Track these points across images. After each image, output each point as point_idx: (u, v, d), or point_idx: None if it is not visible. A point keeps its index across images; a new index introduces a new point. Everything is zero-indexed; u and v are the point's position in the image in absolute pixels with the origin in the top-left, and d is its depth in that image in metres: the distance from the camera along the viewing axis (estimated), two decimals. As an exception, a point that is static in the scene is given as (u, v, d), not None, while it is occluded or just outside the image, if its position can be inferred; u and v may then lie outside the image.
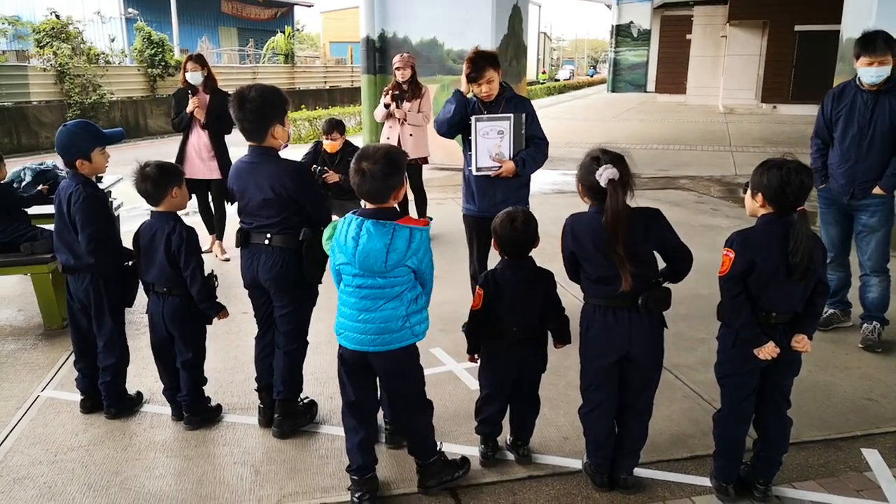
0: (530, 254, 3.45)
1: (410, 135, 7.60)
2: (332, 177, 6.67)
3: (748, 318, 3.00)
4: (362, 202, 3.16)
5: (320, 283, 3.78)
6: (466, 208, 5.03)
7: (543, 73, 74.72)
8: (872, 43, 4.63)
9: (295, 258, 3.61)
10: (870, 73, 4.70)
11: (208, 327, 4.00)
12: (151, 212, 3.84)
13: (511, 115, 4.66)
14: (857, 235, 5.08)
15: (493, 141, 4.70)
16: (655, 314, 3.15)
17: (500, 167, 4.69)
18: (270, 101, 3.51)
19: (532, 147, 4.77)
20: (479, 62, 4.60)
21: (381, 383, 3.34)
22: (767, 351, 3.00)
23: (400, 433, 3.67)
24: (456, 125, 4.84)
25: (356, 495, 3.23)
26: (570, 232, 3.18)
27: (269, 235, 3.61)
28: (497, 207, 4.48)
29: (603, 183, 2.94)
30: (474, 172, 4.79)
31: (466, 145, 4.91)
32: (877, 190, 4.88)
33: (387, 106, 7.54)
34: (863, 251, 5.04)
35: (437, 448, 3.39)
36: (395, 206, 3.08)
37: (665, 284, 3.16)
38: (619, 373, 3.23)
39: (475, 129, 4.71)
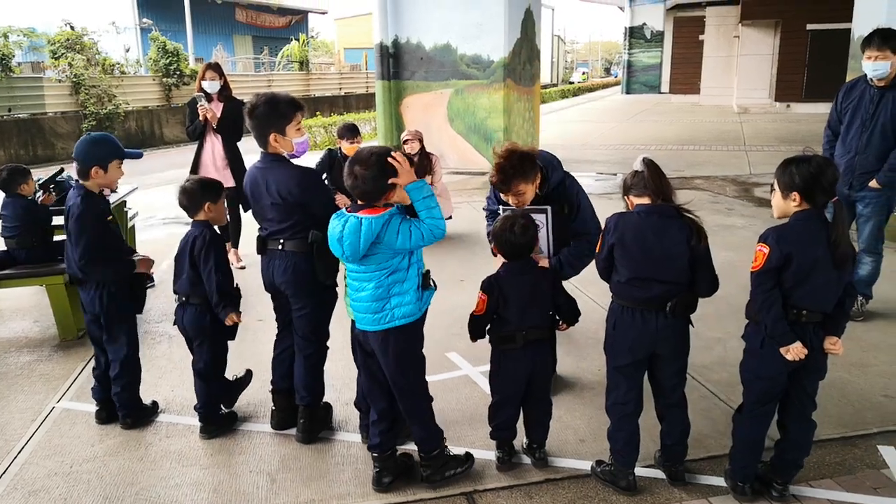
0: None
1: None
2: None
3: (779, 313, 2.97)
4: None
5: (335, 284, 3.77)
6: None
7: (584, 74, 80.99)
8: (870, 38, 4.97)
9: (307, 261, 3.64)
10: (867, 66, 5.02)
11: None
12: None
13: (548, 207, 3.84)
14: (856, 221, 5.39)
15: None
16: (682, 317, 3.22)
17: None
18: (268, 112, 3.59)
19: (575, 245, 3.92)
20: (508, 172, 3.68)
21: None
22: (796, 351, 2.96)
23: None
24: None
25: (374, 470, 3.42)
26: (615, 229, 3.20)
27: (281, 241, 3.66)
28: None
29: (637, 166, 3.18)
30: None
31: None
32: (872, 184, 5.15)
33: None
34: (859, 234, 5.37)
35: (441, 442, 3.45)
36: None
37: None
38: (648, 368, 3.32)
39: None
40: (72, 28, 21.67)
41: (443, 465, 3.43)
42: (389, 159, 3.04)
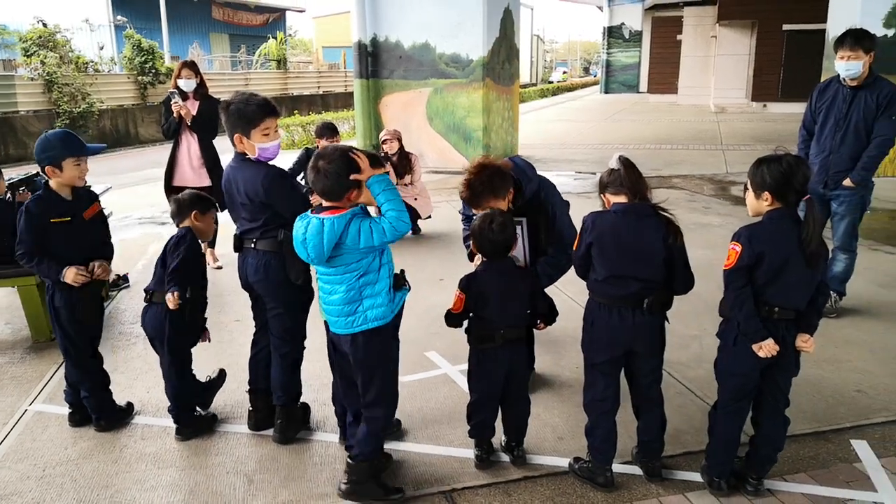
0: None
1: (416, 198, 7.92)
2: None
3: (751, 311, 3.01)
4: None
5: (309, 282, 3.74)
6: None
7: (565, 73, 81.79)
8: (842, 39, 5.03)
9: (278, 260, 3.62)
10: (840, 66, 5.09)
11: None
12: None
13: (523, 219, 3.76)
14: (831, 219, 5.47)
15: None
16: (658, 314, 3.24)
17: None
18: (236, 112, 3.57)
19: (552, 255, 3.89)
20: (477, 189, 3.59)
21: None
22: (768, 348, 2.99)
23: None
24: None
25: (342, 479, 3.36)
26: (592, 227, 3.21)
27: (254, 240, 3.65)
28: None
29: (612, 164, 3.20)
30: None
31: None
32: (847, 182, 5.22)
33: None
34: (834, 232, 5.44)
35: (378, 458, 3.40)
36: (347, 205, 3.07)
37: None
38: (625, 365, 3.34)
39: None
40: (44, 25, 21.36)
41: (365, 481, 3.31)
42: (352, 155, 3.02)
